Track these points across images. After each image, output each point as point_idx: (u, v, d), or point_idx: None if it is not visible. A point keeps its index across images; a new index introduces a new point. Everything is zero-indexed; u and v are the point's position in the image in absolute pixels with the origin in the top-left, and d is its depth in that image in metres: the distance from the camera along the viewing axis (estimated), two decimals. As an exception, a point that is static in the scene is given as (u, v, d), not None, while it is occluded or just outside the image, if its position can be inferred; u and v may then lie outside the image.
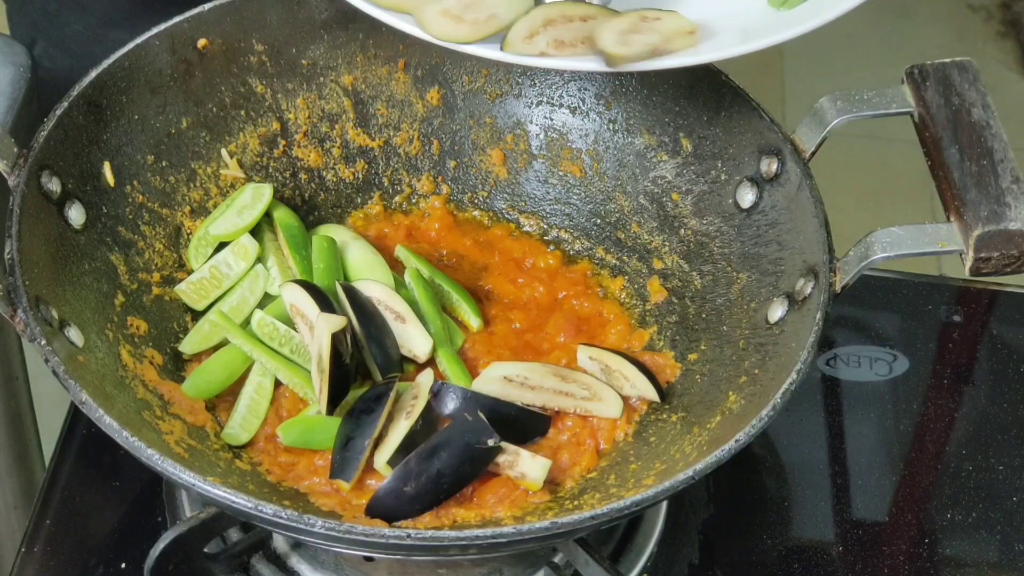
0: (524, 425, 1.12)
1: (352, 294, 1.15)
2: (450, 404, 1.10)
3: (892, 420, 1.31)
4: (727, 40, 1.04)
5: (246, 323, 1.17)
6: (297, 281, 1.16)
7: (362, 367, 1.14)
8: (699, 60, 1.04)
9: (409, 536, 0.94)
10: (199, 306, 1.18)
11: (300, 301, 1.14)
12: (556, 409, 1.14)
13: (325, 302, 1.13)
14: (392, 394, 1.10)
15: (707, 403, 1.10)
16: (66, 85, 1.14)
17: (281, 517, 0.93)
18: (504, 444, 1.08)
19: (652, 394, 1.14)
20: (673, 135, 1.21)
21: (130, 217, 1.17)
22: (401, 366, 1.14)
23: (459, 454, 1.06)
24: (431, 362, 1.16)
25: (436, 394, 1.10)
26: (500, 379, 1.13)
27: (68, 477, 1.24)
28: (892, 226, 1.03)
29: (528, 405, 1.12)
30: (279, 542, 1.15)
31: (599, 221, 1.26)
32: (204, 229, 1.20)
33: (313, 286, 1.15)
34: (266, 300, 1.19)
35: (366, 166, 1.28)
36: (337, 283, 1.16)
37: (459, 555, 1.08)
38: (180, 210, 1.21)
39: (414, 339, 1.15)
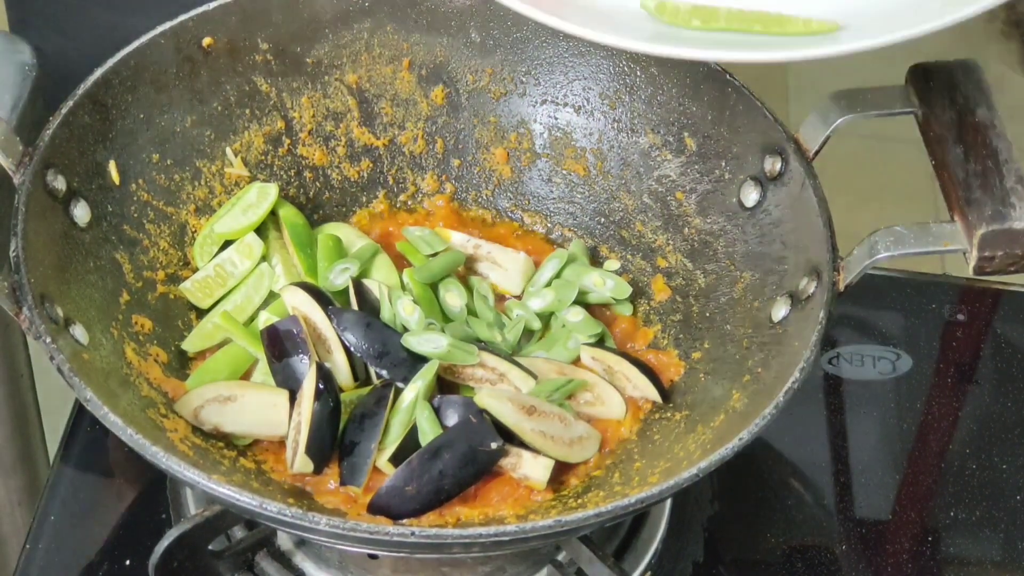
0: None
1: (360, 290, 1.16)
2: (452, 416, 1.10)
3: (895, 419, 1.31)
4: (870, 29, 0.99)
5: (251, 320, 1.18)
6: (298, 284, 1.16)
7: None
8: (838, 50, 0.98)
9: (413, 534, 0.94)
10: (204, 304, 1.19)
11: (302, 304, 1.14)
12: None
13: (327, 304, 1.14)
14: (392, 395, 1.10)
15: (711, 402, 1.10)
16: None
17: (285, 515, 0.93)
18: (507, 446, 1.08)
19: (654, 395, 1.15)
20: (677, 134, 1.21)
21: (135, 215, 1.17)
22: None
23: (462, 456, 1.06)
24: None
25: (437, 409, 1.10)
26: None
27: (72, 474, 1.24)
28: (896, 225, 1.03)
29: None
30: (283, 540, 1.15)
31: (603, 220, 1.26)
32: (209, 227, 1.20)
33: (315, 288, 1.16)
34: (271, 298, 1.19)
35: (371, 165, 1.28)
36: (350, 279, 1.17)
37: (462, 553, 1.08)
38: (185, 208, 1.21)
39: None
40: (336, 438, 1.09)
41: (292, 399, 1.09)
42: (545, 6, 1.02)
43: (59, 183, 1.09)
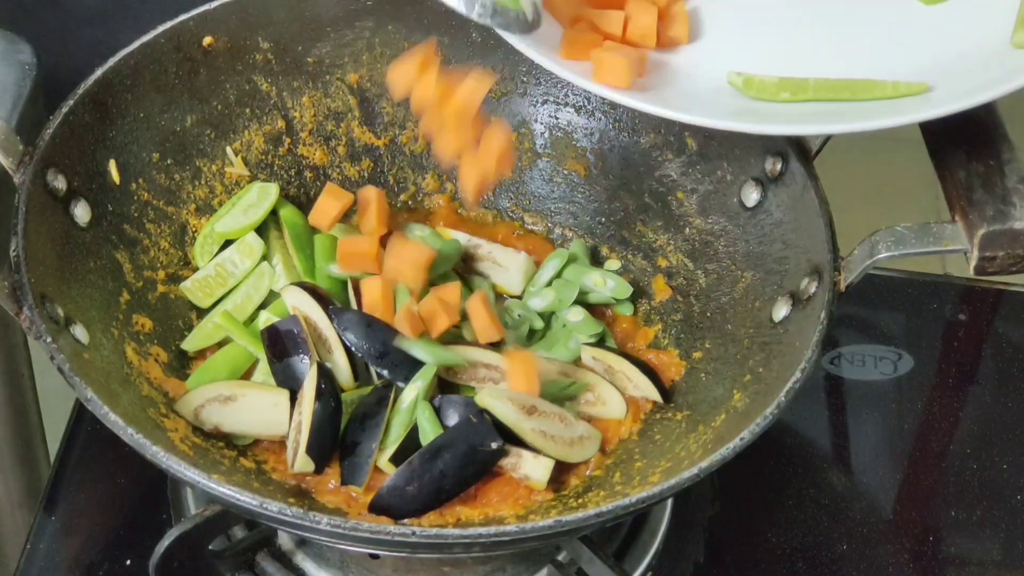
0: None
1: (359, 292, 1.16)
2: (453, 416, 1.10)
3: (896, 419, 1.31)
4: (961, 88, 0.99)
5: (251, 320, 1.18)
6: (299, 284, 1.16)
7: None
8: (934, 113, 0.98)
9: (414, 534, 0.94)
10: (204, 304, 1.19)
11: (302, 303, 1.14)
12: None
13: (327, 304, 1.14)
14: (392, 395, 1.10)
15: (712, 401, 1.10)
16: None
17: (286, 514, 0.93)
18: (507, 446, 1.08)
19: (655, 395, 1.15)
20: (678, 134, 1.21)
21: (135, 215, 1.17)
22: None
23: (462, 456, 1.06)
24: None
25: (438, 409, 1.10)
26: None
27: (73, 474, 1.24)
28: (896, 225, 1.03)
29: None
30: (284, 539, 1.15)
31: (604, 220, 1.26)
32: (210, 227, 1.20)
33: (315, 288, 1.16)
34: (271, 297, 1.19)
35: (372, 164, 1.28)
36: (347, 280, 1.17)
37: (463, 553, 1.08)
38: (185, 208, 1.21)
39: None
40: (337, 438, 1.09)
41: (293, 399, 1.09)
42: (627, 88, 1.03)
43: (59, 183, 1.09)
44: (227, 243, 1.21)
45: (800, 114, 1.02)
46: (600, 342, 1.19)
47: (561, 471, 1.10)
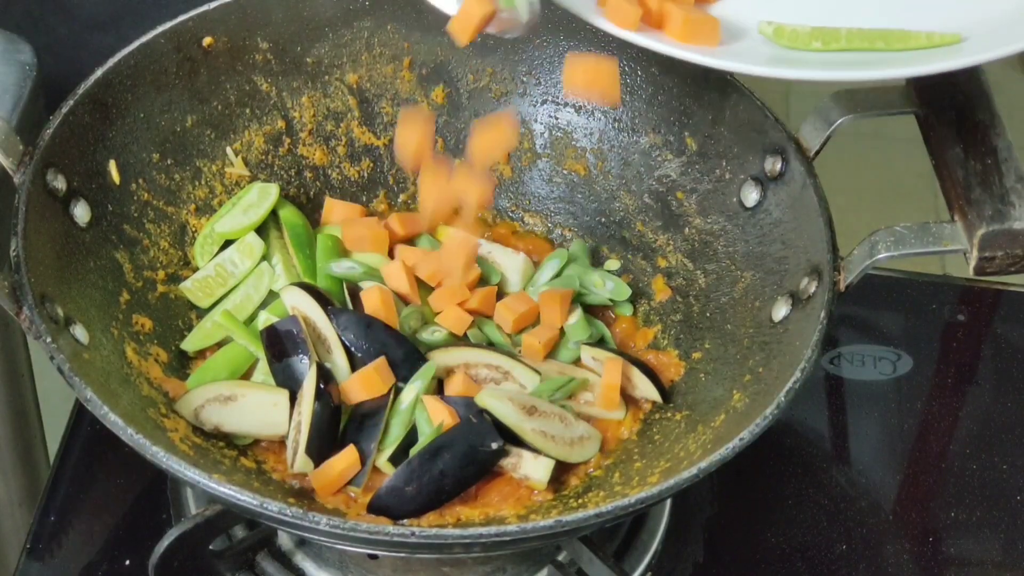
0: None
1: (355, 297, 1.16)
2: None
3: (896, 419, 1.31)
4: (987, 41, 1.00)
5: (251, 320, 1.18)
6: (298, 284, 1.16)
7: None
8: (960, 63, 0.98)
9: (413, 534, 0.94)
10: (204, 304, 1.19)
11: (302, 304, 1.14)
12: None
13: (327, 304, 1.14)
14: (391, 395, 1.10)
15: (711, 402, 1.10)
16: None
17: (285, 514, 0.93)
18: (508, 446, 1.08)
19: (654, 395, 1.15)
20: (678, 134, 1.21)
21: (135, 215, 1.17)
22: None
23: (462, 456, 1.06)
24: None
25: None
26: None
27: (72, 474, 1.24)
28: (896, 225, 1.03)
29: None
30: (284, 539, 1.15)
31: (603, 220, 1.26)
32: (210, 227, 1.20)
33: (315, 288, 1.16)
34: (271, 297, 1.19)
35: (371, 164, 1.28)
36: (343, 285, 1.17)
37: (463, 553, 1.08)
38: (185, 208, 1.21)
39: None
40: (336, 438, 1.09)
41: (292, 399, 1.09)
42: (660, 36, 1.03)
43: (59, 183, 1.09)
44: (227, 243, 1.21)
45: (832, 62, 1.01)
46: (600, 342, 1.19)
47: (561, 471, 1.11)
